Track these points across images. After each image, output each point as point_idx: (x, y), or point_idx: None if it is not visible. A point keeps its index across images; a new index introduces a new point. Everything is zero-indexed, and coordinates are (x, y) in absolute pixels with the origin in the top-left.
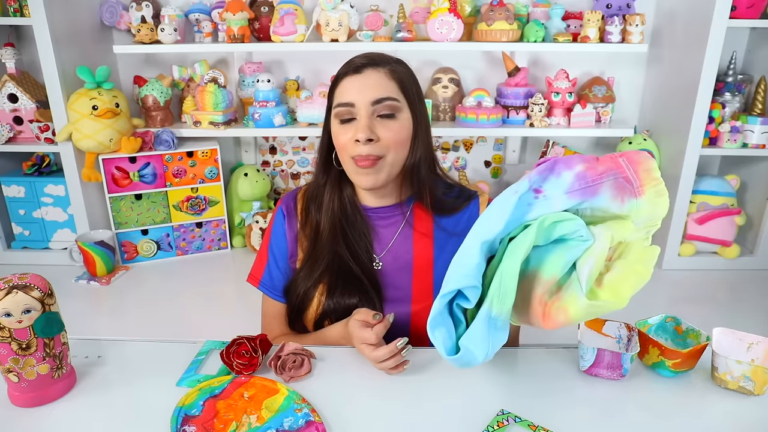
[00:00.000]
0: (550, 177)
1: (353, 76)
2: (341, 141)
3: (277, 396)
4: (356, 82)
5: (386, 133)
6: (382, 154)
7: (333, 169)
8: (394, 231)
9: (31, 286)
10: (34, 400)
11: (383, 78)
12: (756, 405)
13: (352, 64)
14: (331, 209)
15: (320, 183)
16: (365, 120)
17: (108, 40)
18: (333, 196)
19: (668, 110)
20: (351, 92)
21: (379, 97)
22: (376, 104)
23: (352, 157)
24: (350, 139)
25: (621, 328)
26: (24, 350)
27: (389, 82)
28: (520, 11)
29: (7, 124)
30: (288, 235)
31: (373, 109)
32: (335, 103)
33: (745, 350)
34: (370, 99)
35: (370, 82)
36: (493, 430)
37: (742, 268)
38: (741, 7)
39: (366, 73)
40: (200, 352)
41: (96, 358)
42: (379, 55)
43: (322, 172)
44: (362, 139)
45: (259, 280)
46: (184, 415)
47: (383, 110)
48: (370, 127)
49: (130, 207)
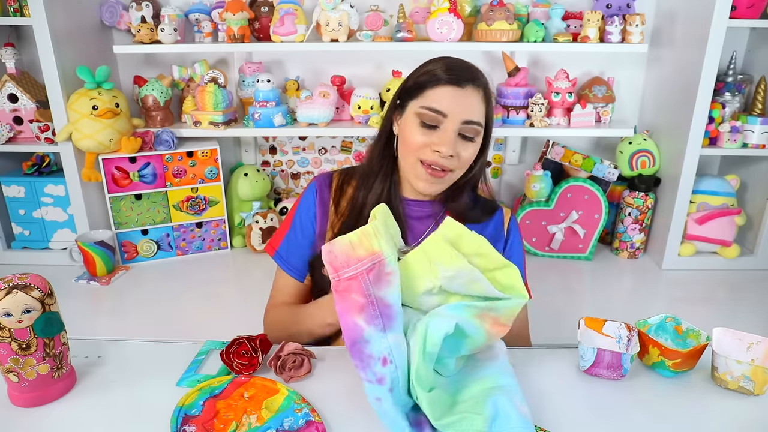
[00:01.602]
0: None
1: (454, 87)
2: (417, 141)
3: (277, 396)
4: (456, 95)
5: (463, 153)
6: (453, 168)
7: (390, 156)
8: (425, 227)
9: (31, 286)
10: (34, 400)
11: (479, 101)
12: (756, 405)
13: (454, 72)
14: (381, 196)
15: (375, 170)
16: (452, 135)
17: (108, 40)
18: (385, 184)
19: (668, 110)
20: (447, 103)
21: (471, 119)
22: (465, 124)
23: (422, 161)
24: (427, 145)
25: (621, 328)
26: (24, 350)
27: (481, 107)
28: (520, 11)
29: (7, 124)
30: (318, 212)
31: (460, 127)
32: (425, 105)
33: (745, 350)
34: (463, 117)
35: (469, 102)
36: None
37: (742, 268)
38: (741, 7)
39: (467, 90)
40: (200, 352)
41: (96, 358)
42: (478, 71)
43: (380, 158)
44: (445, 155)
45: (275, 249)
46: (184, 415)
47: (468, 132)
48: (455, 144)
49: (130, 207)
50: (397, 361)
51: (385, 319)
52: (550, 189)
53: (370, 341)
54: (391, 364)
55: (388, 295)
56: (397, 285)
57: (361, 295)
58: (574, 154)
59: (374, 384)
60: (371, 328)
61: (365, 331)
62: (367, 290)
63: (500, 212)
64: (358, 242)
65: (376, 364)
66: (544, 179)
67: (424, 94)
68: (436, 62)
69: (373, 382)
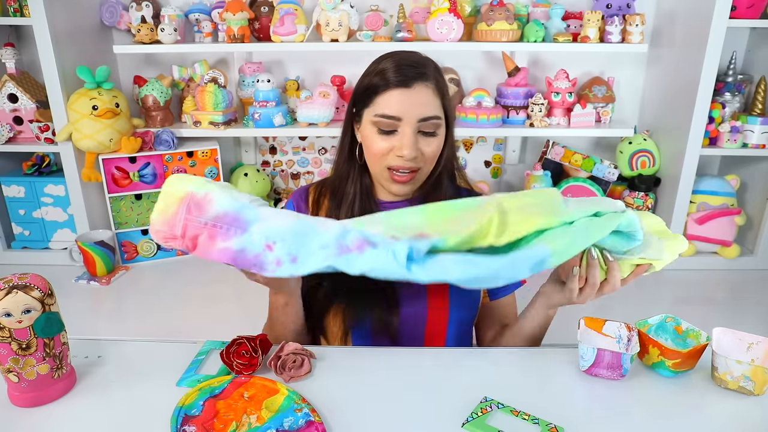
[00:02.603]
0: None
1: (402, 89)
2: (378, 149)
3: (277, 396)
4: (405, 97)
5: (427, 149)
6: (419, 167)
7: (356, 164)
8: None
9: (31, 286)
10: (34, 400)
11: (431, 95)
12: (756, 405)
13: (400, 72)
14: (353, 204)
15: (343, 177)
16: (411, 137)
17: (108, 40)
18: (356, 189)
19: (668, 110)
20: (399, 107)
21: (426, 115)
22: (422, 122)
23: (389, 167)
24: (389, 150)
25: (621, 328)
26: (24, 350)
27: (435, 100)
28: (520, 11)
29: (7, 124)
30: None
31: (418, 125)
32: (378, 113)
33: (745, 350)
34: (417, 116)
35: (419, 100)
36: (477, 416)
37: (742, 268)
38: (741, 7)
39: (416, 88)
40: (200, 352)
41: (96, 358)
42: (424, 62)
43: (346, 167)
44: (408, 157)
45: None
46: (184, 415)
47: (427, 128)
48: (416, 144)
49: (130, 207)
50: (278, 238)
51: (235, 225)
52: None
53: (244, 248)
54: (276, 244)
55: (220, 209)
56: (218, 196)
57: (202, 229)
58: (574, 154)
59: (285, 265)
60: (234, 239)
61: (233, 246)
62: (200, 223)
63: None
64: (165, 205)
65: (267, 254)
66: (544, 179)
67: (374, 101)
68: (382, 62)
69: (283, 264)
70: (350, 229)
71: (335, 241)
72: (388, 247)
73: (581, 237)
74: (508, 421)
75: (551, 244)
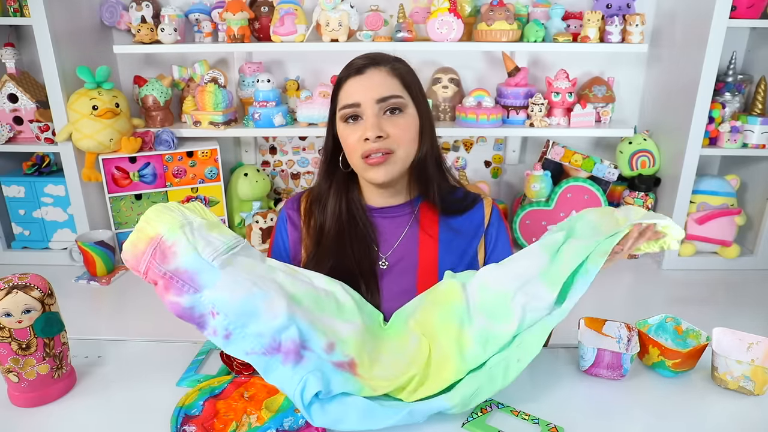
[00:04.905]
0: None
1: (356, 77)
2: (350, 141)
3: (277, 396)
4: (359, 83)
5: (394, 129)
6: (392, 148)
7: (338, 173)
8: (401, 230)
9: (31, 286)
10: (34, 400)
11: (386, 76)
12: (756, 405)
13: (353, 65)
14: (338, 213)
15: (324, 187)
16: (372, 118)
17: (108, 40)
18: (339, 200)
19: (668, 110)
20: (355, 93)
21: (383, 95)
22: (381, 102)
23: (363, 156)
24: (359, 139)
25: (621, 328)
26: (24, 350)
27: (392, 80)
28: (520, 11)
29: (7, 124)
30: (291, 238)
31: (378, 107)
32: (340, 106)
33: (745, 350)
34: (374, 97)
35: (374, 82)
36: (477, 416)
37: (742, 268)
38: (741, 7)
39: (368, 73)
40: (200, 352)
41: (96, 358)
42: (378, 55)
43: (327, 176)
44: (372, 137)
45: None
46: (184, 415)
47: (389, 107)
48: (378, 125)
49: (130, 207)
50: (222, 310)
51: (189, 284)
52: (550, 189)
53: (193, 306)
54: (219, 315)
55: (180, 264)
56: (184, 250)
57: (160, 277)
58: (574, 154)
59: (218, 338)
60: (185, 297)
61: (182, 303)
62: (160, 271)
63: (480, 204)
64: (137, 239)
65: (209, 319)
66: (544, 179)
67: (337, 98)
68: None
69: (217, 336)
70: (295, 324)
71: (271, 334)
72: (303, 375)
73: (487, 385)
74: (508, 421)
75: (451, 401)
